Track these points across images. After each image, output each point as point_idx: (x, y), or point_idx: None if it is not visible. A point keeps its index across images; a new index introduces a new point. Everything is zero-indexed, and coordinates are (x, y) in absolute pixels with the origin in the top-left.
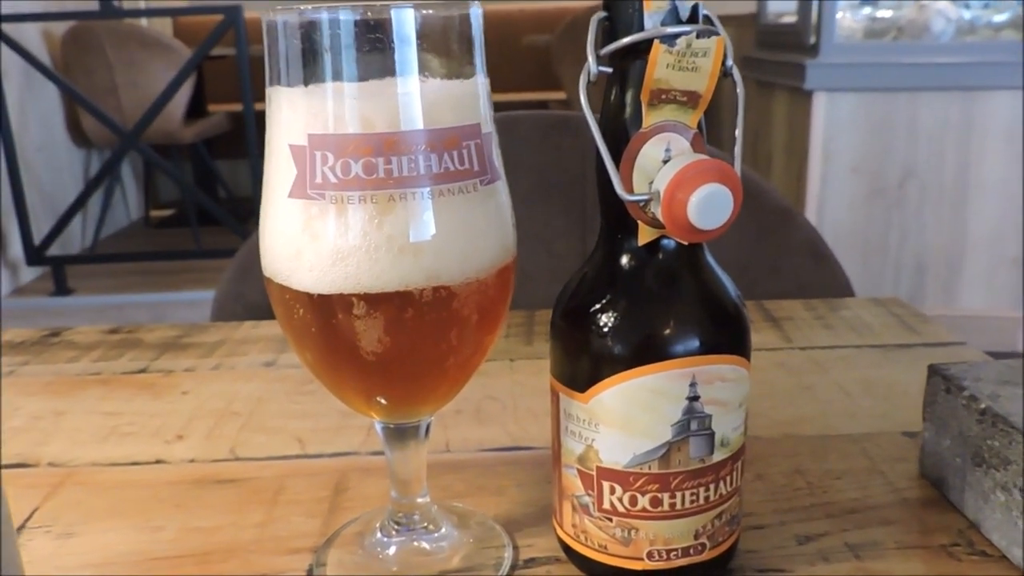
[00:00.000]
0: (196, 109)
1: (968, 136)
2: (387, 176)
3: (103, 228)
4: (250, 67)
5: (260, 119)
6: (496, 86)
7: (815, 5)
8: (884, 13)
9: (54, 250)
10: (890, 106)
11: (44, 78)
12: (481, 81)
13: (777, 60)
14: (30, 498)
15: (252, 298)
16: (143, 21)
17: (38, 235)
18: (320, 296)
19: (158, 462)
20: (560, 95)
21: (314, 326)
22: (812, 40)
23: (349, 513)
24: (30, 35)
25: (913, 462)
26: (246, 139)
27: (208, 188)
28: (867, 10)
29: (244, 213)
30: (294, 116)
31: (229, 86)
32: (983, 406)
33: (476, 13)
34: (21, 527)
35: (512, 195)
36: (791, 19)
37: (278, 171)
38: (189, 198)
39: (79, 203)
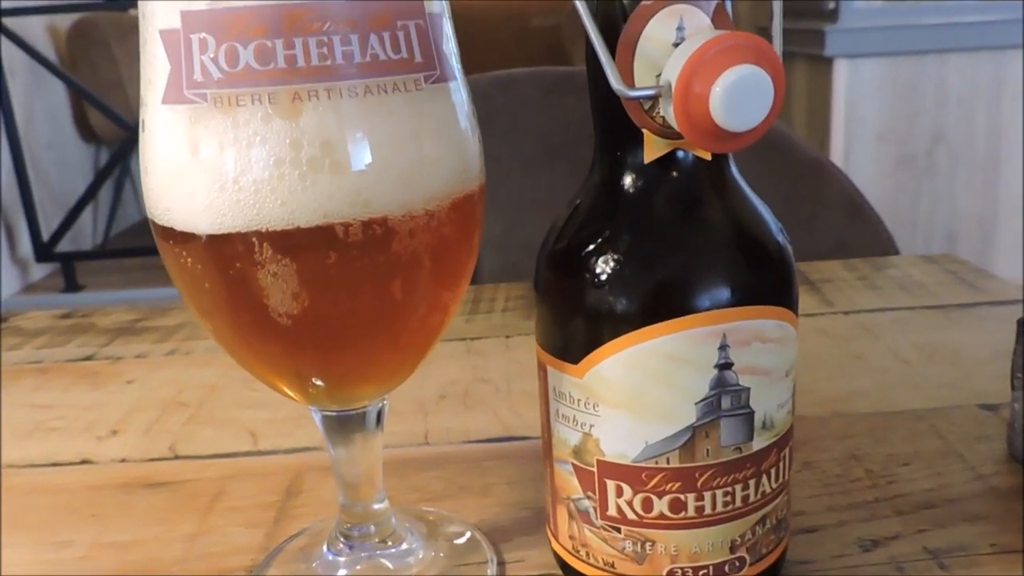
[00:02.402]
0: None
1: (999, 98)
2: (289, 66)
3: (114, 224)
4: None
5: None
6: (505, 67)
7: None
8: None
9: (64, 246)
10: (916, 70)
11: (49, 74)
12: None
13: (795, 28)
14: None
15: None
16: None
17: (47, 232)
18: (210, 237)
19: (83, 462)
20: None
21: (208, 279)
22: (831, 5)
23: (299, 523)
24: (35, 31)
25: (999, 441)
26: None
27: None
28: None
29: None
30: None
31: None
32: None
33: None
34: None
35: (512, 160)
36: None
37: (152, 70)
38: None
39: (88, 198)
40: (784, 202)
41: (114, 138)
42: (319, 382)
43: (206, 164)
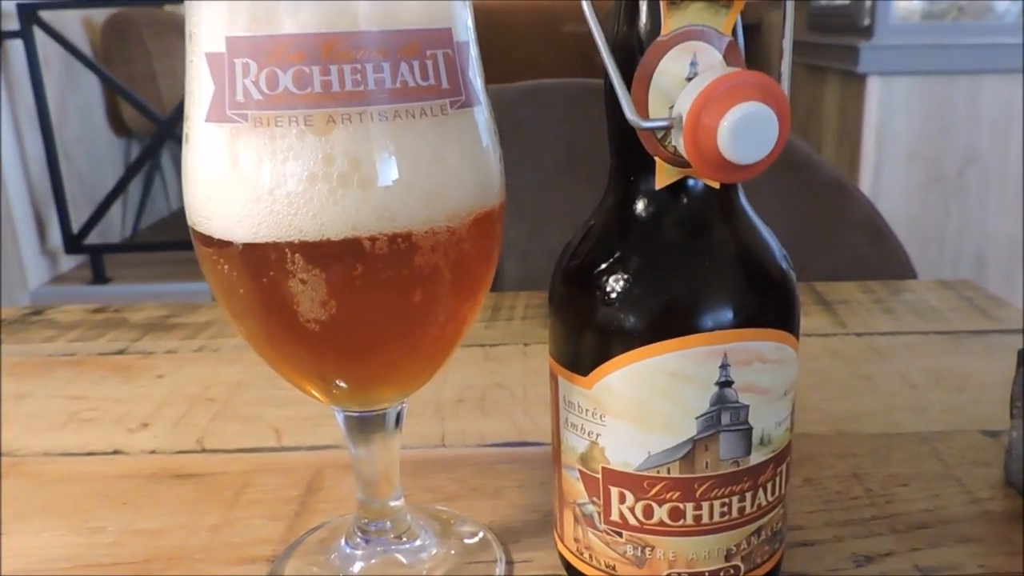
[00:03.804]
0: None
1: None
2: (325, 90)
3: (143, 217)
4: None
5: None
6: (537, 74)
7: None
8: None
9: (93, 239)
10: (950, 89)
11: (84, 68)
12: None
13: (829, 43)
14: None
15: None
16: (182, 9)
17: (77, 224)
18: (247, 246)
19: (115, 452)
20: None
21: (243, 285)
22: (866, 22)
23: (318, 516)
24: (71, 25)
25: (997, 467)
26: None
27: None
28: None
29: None
30: (213, 16)
31: None
32: None
33: None
34: None
35: (537, 168)
36: (844, 0)
37: (197, 91)
38: None
39: (118, 191)
40: (805, 221)
41: (146, 132)
42: (342, 384)
43: (244, 177)
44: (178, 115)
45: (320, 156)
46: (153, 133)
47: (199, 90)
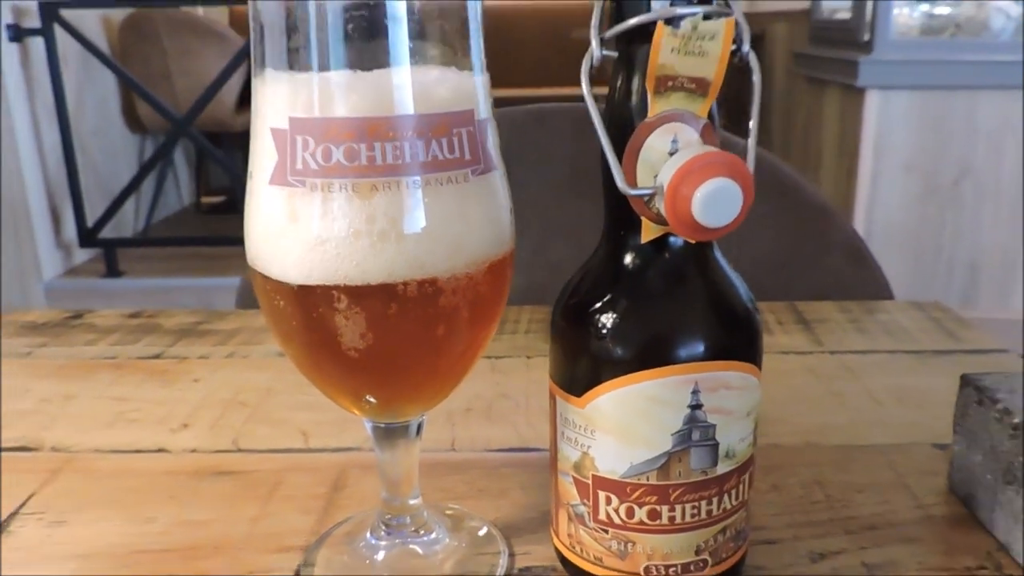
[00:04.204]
0: (248, 97)
1: None
2: (370, 164)
3: (155, 212)
4: None
5: None
6: (544, 80)
7: (870, 2)
8: (942, 10)
9: (106, 233)
10: (946, 104)
11: (101, 65)
12: (478, 64)
13: (830, 57)
14: (28, 483)
15: None
16: (199, 10)
17: (92, 218)
18: (300, 287)
19: (160, 451)
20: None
21: (295, 318)
22: (866, 37)
23: (344, 511)
24: (89, 22)
25: (942, 476)
26: None
27: None
28: (924, 7)
29: None
30: (277, 99)
31: None
32: (1017, 421)
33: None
34: (14, 513)
35: (542, 187)
36: (845, 15)
37: (261, 156)
38: (239, 185)
39: (132, 187)
40: (791, 243)
41: (160, 129)
42: (373, 400)
43: (300, 231)
44: (192, 113)
45: (364, 216)
46: (167, 131)
47: (263, 157)
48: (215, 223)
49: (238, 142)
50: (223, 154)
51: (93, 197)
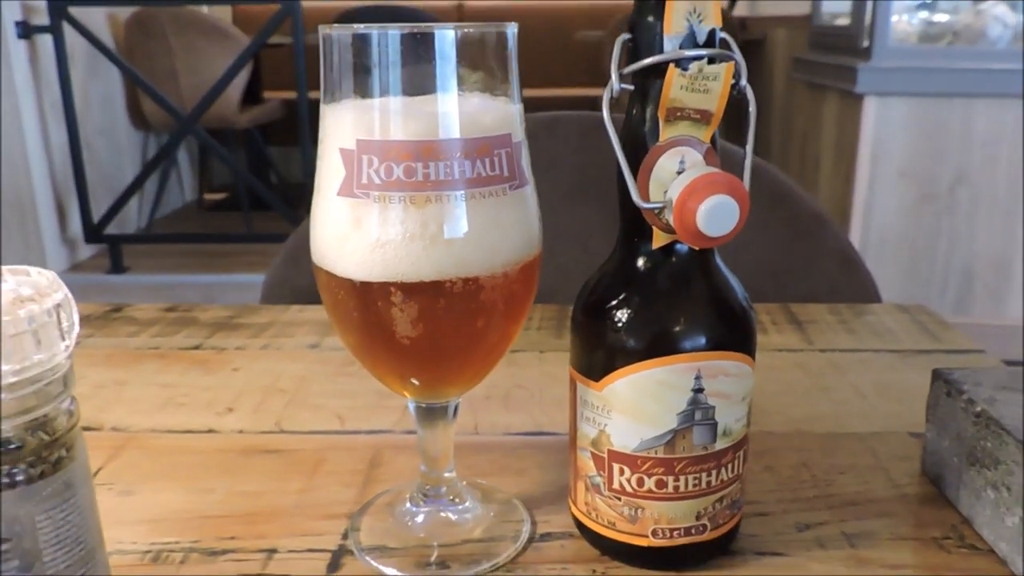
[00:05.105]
0: (251, 96)
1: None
2: (425, 180)
3: (158, 209)
4: (306, 57)
5: (314, 107)
6: (546, 81)
7: (869, 8)
8: (940, 17)
9: (111, 229)
10: (943, 111)
11: (107, 62)
12: (516, 95)
13: (829, 62)
14: (95, 459)
15: (299, 284)
16: (204, 8)
17: (96, 214)
18: (362, 283)
19: (210, 431)
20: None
21: (356, 311)
22: (865, 43)
23: (382, 485)
24: (96, 19)
25: (916, 461)
26: (299, 126)
27: (261, 173)
28: (923, 14)
29: (295, 199)
30: (345, 123)
31: (284, 74)
32: (979, 409)
33: (511, 32)
34: None
35: (552, 192)
36: (845, 22)
37: (329, 171)
38: (242, 183)
39: (137, 184)
40: (787, 249)
41: (164, 127)
42: (417, 382)
43: (363, 235)
44: (198, 111)
45: (418, 223)
46: (172, 128)
47: (331, 172)
48: (217, 220)
49: (241, 140)
50: (227, 151)
51: (98, 193)
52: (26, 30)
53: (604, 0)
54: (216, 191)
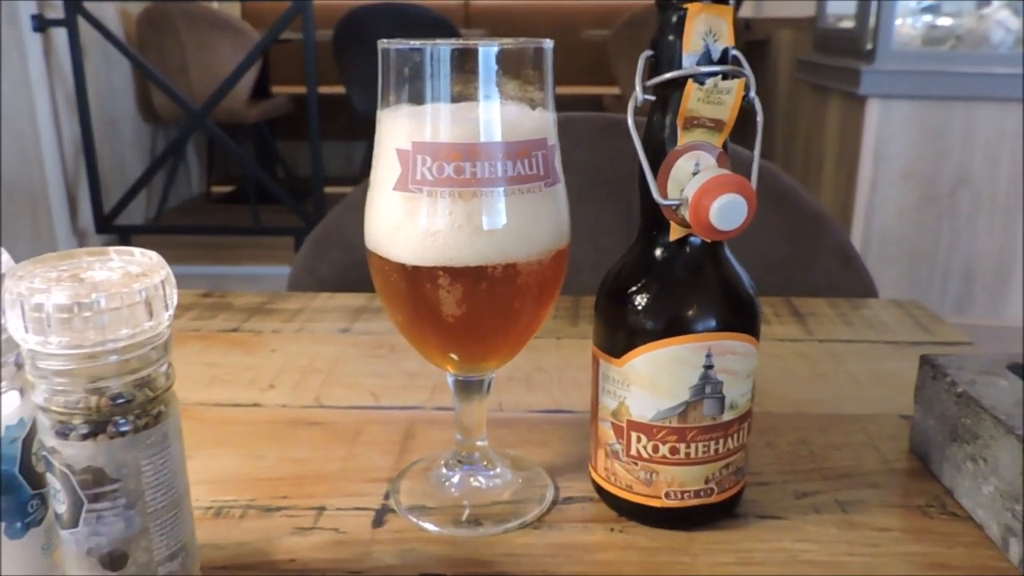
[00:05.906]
0: (261, 90)
1: None
2: (471, 177)
3: (167, 200)
4: (315, 52)
5: (323, 103)
6: (555, 77)
7: (873, 11)
8: (943, 21)
9: (121, 220)
10: (945, 114)
11: (119, 55)
12: (551, 103)
13: (833, 65)
14: None
15: (323, 273)
16: (214, 4)
17: (107, 205)
18: (413, 267)
19: (255, 405)
20: (615, 90)
21: (406, 292)
22: (869, 46)
23: (417, 454)
24: (108, 14)
25: (905, 439)
26: (307, 121)
27: (268, 167)
28: (927, 18)
29: (302, 192)
30: (402, 126)
31: (293, 69)
32: (960, 390)
33: (548, 47)
34: None
35: (566, 190)
36: (849, 24)
37: (386, 168)
38: (250, 176)
39: (148, 175)
40: (789, 246)
41: (173, 120)
42: (456, 357)
43: (415, 225)
44: (209, 105)
45: (465, 215)
46: (182, 122)
47: (387, 169)
48: (225, 213)
49: (250, 134)
50: (236, 145)
51: (109, 184)
52: (41, 23)
53: (611, 1)
54: (224, 184)
